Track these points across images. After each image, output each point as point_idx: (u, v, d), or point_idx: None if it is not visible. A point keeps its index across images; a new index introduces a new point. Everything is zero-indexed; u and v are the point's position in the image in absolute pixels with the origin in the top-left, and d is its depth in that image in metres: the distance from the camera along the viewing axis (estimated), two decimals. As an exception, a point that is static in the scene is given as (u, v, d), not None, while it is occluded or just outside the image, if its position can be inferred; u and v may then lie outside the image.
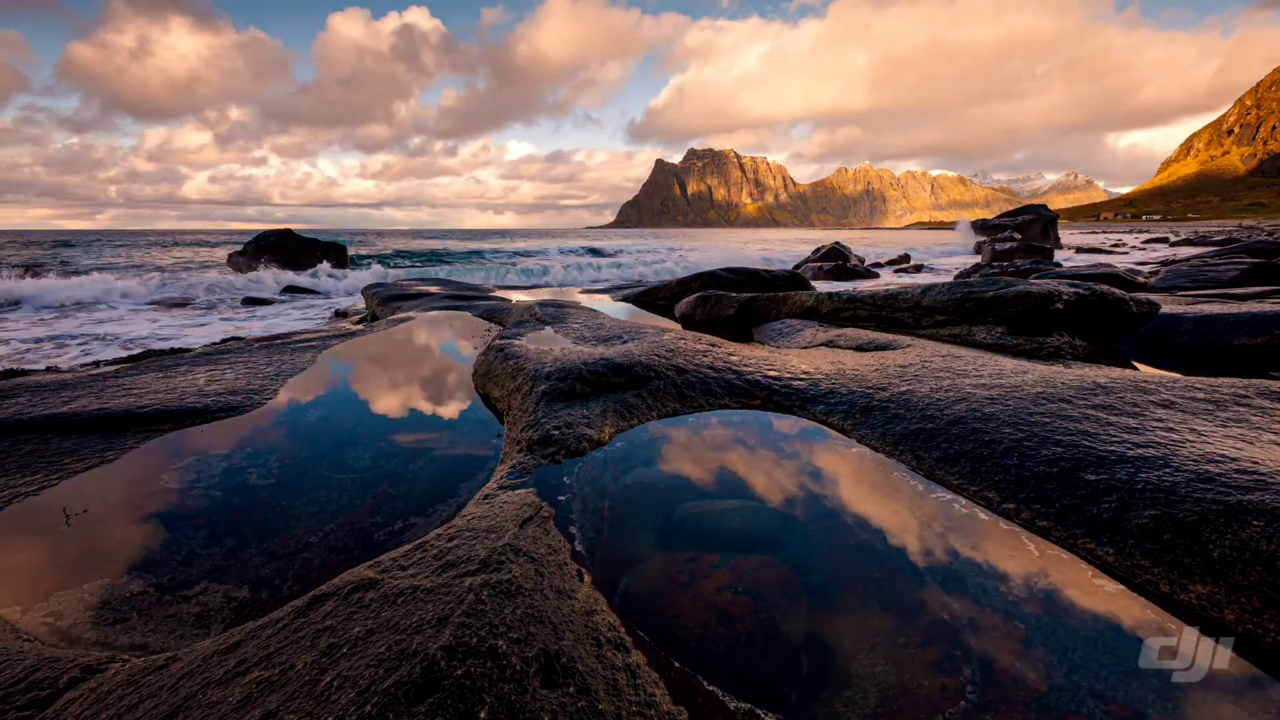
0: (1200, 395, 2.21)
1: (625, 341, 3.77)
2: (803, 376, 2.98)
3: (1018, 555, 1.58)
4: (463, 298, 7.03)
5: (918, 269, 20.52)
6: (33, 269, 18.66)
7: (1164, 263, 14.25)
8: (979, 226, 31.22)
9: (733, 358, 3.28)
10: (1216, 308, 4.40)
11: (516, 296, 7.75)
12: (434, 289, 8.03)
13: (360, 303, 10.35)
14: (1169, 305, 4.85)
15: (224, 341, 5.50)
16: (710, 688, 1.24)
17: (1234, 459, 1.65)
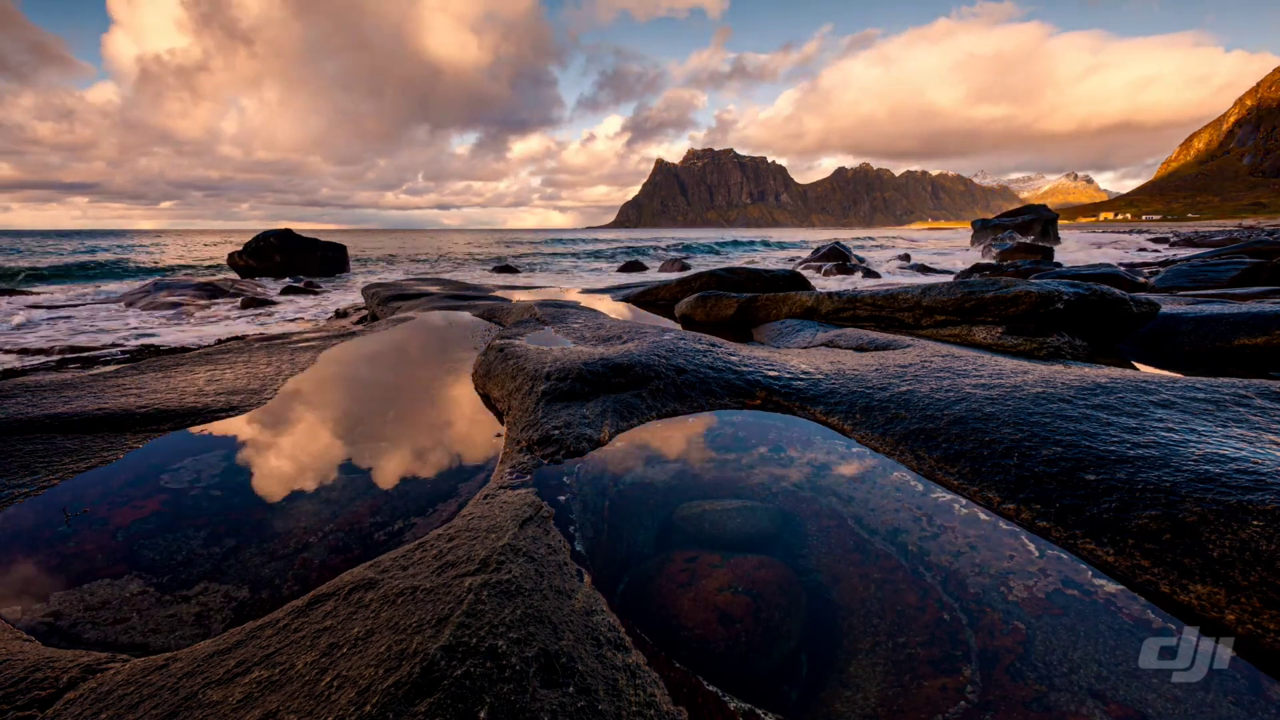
0: (1200, 395, 2.21)
1: (625, 341, 3.77)
2: (803, 376, 2.98)
3: (1018, 555, 1.58)
4: (463, 297, 7.03)
5: (918, 269, 20.52)
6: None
7: (1164, 263, 14.24)
8: (979, 226, 31.22)
9: (732, 357, 3.28)
10: (1217, 308, 4.40)
11: (516, 296, 7.75)
12: (434, 289, 8.04)
13: (360, 302, 10.35)
14: (1169, 305, 4.85)
15: (224, 341, 5.51)
16: (710, 688, 1.24)
17: (1234, 459, 1.65)
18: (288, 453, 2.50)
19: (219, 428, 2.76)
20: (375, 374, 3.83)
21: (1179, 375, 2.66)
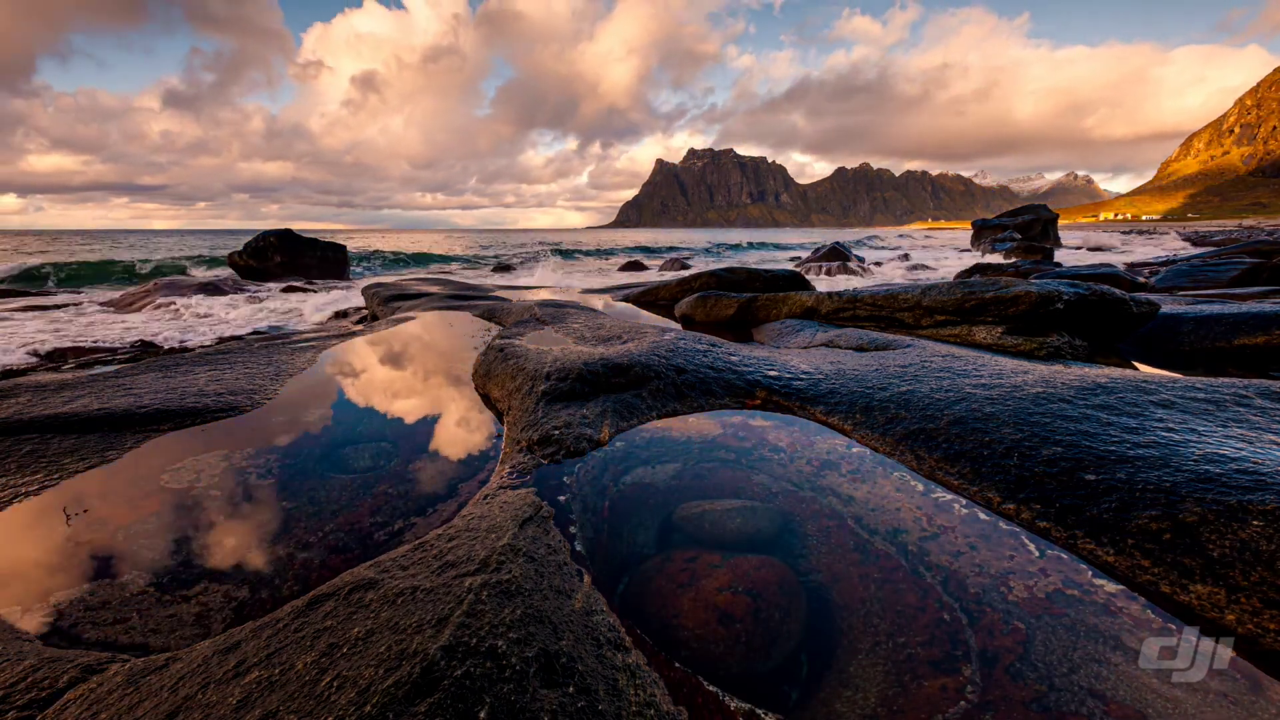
0: (1200, 395, 2.21)
1: (625, 341, 3.77)
2: (803, 376, 2.98)
3: (1018, 555, 1.58)
4: (463, 297, 7.03)
5: (918, 269, 20.52)
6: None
7: (1164, 263, 14.24)
8: (979, 226, 31.22)
9: (732, 357, 3.28)
10: (1217, 307, 4.40)
11: (516, 296, 7.75)
12: (434, 289, 8.03)
13: (360, 302, 10.35)
14: (1169, 305, 4.85)
15: (223, 341, 5.51)
16: (710, 688, 1.24)
17: (1234, 459, 1.65)
18: (287, 453, 2.50)
19: (219, 428, 2.76)
20: (375, 374, 3.83)
21: (1179, 375, 2.66)
